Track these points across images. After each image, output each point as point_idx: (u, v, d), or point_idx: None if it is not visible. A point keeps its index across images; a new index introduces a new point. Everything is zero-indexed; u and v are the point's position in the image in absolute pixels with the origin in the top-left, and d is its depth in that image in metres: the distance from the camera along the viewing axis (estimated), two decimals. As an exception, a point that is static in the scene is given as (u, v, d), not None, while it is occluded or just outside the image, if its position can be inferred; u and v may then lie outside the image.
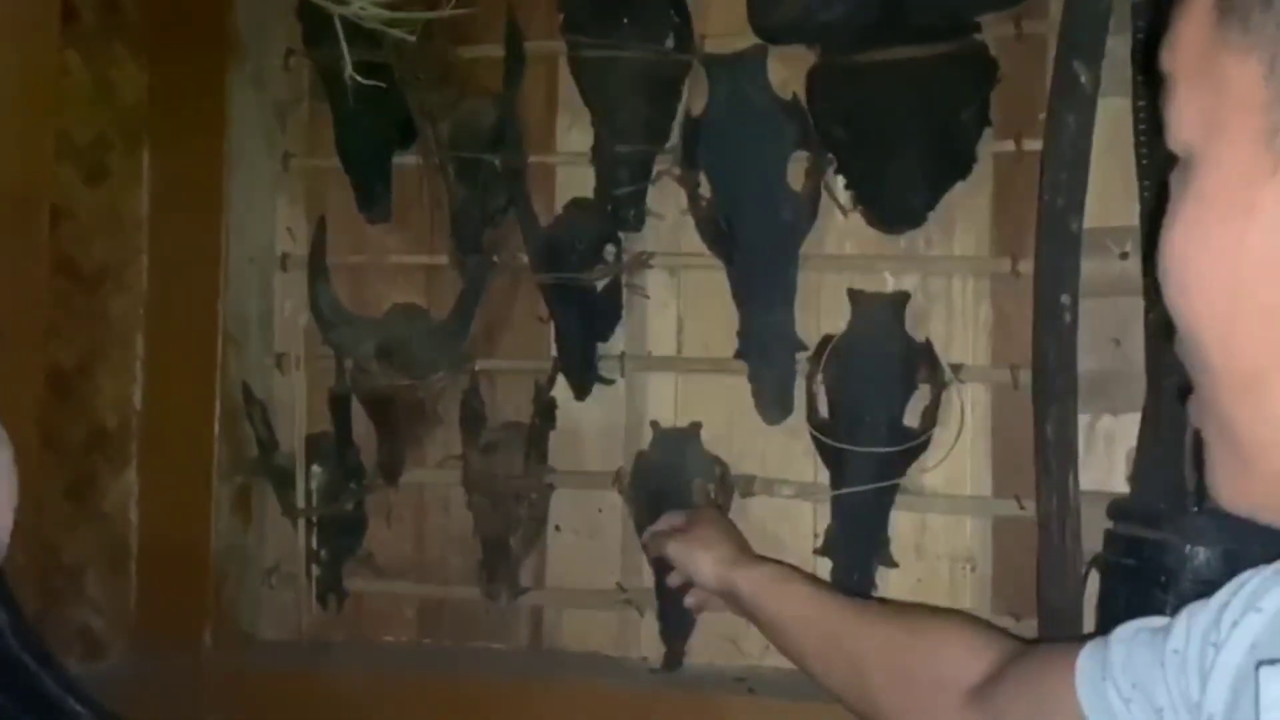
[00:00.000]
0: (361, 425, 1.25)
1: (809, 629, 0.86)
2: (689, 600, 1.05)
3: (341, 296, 1.27)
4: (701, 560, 0.98)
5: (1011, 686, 0.70)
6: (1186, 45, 0.43)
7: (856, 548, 1.07)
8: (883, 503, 1.06)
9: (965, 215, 1.12)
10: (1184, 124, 0.43)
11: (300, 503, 1.24)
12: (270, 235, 1.33)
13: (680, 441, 1.14)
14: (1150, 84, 0.49)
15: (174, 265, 1.26)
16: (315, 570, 1.25)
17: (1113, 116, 0.98)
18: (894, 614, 0.86)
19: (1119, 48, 0.96)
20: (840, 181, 1.13)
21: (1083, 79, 0.75)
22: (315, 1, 1.13)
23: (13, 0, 1.02)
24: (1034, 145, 1.07)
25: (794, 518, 1.15)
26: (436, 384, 1.24)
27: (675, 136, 1.17)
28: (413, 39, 1.17)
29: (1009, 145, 1.08)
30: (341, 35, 1.14)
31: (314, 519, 1.24)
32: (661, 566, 1.07)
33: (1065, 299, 0.77)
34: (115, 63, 1.23)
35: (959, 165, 1.07)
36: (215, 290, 1.25)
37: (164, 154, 1.26)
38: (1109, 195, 1.00)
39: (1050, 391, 0.78)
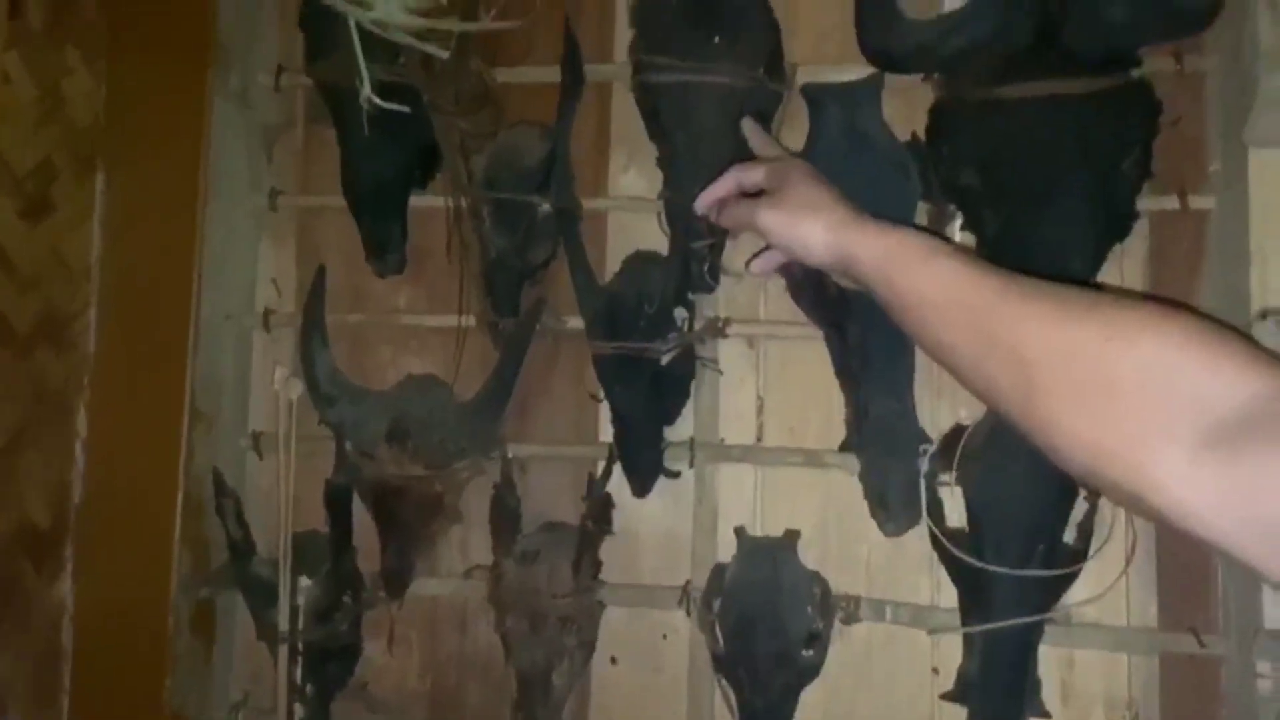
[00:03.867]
0: (361, 524, 1.01)
1: (959, 318, 0.61)
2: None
3: (341, 364, 1.03)
4: (810, 227, 0.74)
5: None
6: None
7: (997, 693, 0.86)
8: (1033, 637, 0.86)
9: (1114, 281, 0.93)
10: None
11: (282, 622, 0.98)
12: (250, 287, 1.10)
13: (772, 553, 0.93)
14: None
15: (130, 322, 1.02)
16: (298, 707, 0.99)
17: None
18: (1086, 308, 0.56)
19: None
20: (961, 239, 0.94)
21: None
22: (330, 5, 0.92)
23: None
24: (1201, 202, 0.91)
25: (907, 647, 0.94)
26: (459, 474, 1.01)
27: (760, 180, 0.97)
28: (445, 54, 0.96)
29: (1170, 201, 0.91)
30: (359, 48, 0.93)
31: (298, 642, 0.99)
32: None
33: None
34: (67, 72, 0.99)
35: (1117, 223, 0.89)
36: (182, 353, 1.01)
37: (122, 185, 1.03)
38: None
39: None
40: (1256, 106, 0.79)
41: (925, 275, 0.64)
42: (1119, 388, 0.52)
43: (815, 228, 0.74)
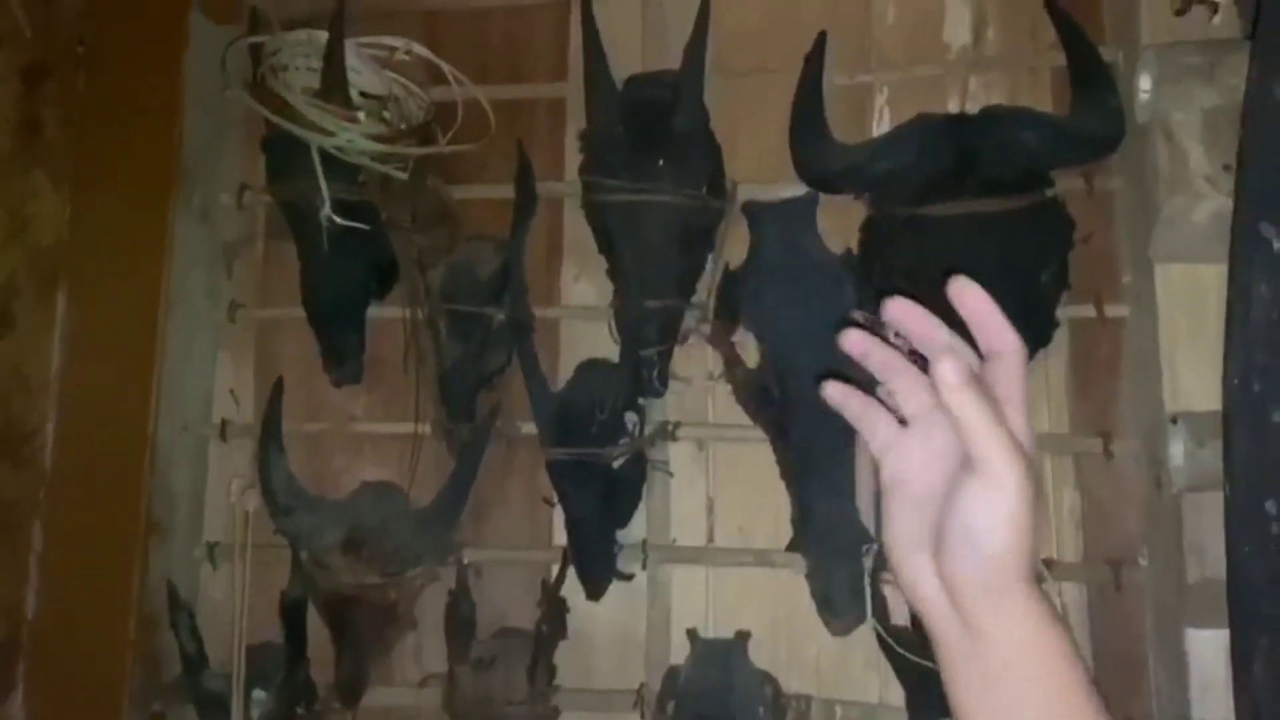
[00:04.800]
0: (316, 633, 1.02)
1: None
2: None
3: (298, 473, 1.05)
4: (1010, 504, 0.43)
5: None
6: None
7: (946, 789, 0.88)
8: (977, 732, 0.88)
9: (1039, 386, 0.99)
10: None
11: (235, 737, 0.98)
12: (208, 398, 1.12)
13: (724, 655, 0.95)
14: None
15: (88, 435, 1.03)
16: (250, 824, 0.98)
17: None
18: None
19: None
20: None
21: (1276, 245, 0.63)
22: (294, 131, 0.97)
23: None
24: (1117, 311, 0.97)
25: (858, 746, 0.96)
26: (414, 581, 1.02)
27: (702, 291, 1.02)
28: (404, 176, 1.01)
29: (1088, 310, 0.97)
30: (320, 170, 0.98)
31: (251, 757, 0.98)
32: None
33: (1271, 507, 0.64)
34: (33, 195, 1.03)
35: (1040, 331, 0.95)
36: (139, 466, 1.02)
37: (84, 302, 1.05)
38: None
39: (1258, 619, 0.63)
40: (1158, 226, 0.85)
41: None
42: None
43: (1012, 511, 0.43)
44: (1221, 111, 0.84)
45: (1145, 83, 0.89)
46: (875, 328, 0.49)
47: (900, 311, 0.48)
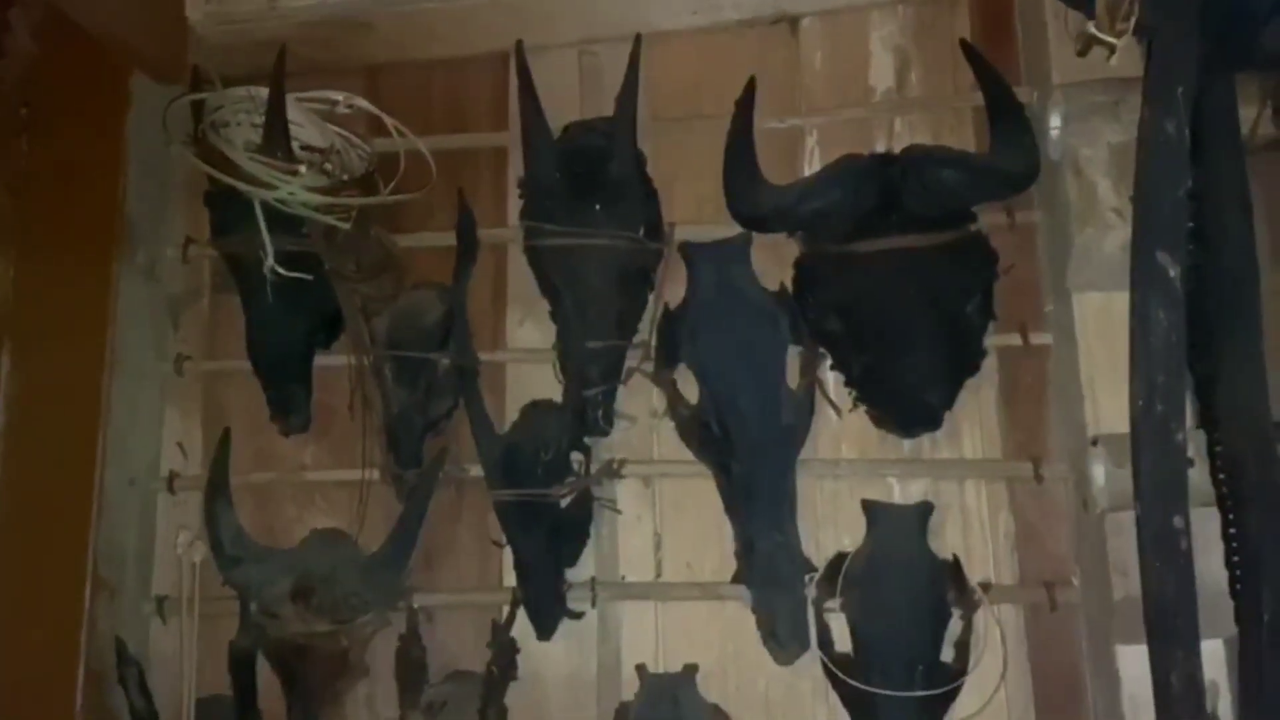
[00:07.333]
0: (267, 684, 1.01)
1: None
2: None
3: (246, 523, 1.05)
4: None
5: None
6: None
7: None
8: (923, 757, 0.90)
9: (971, 414, 1.02)
10: None
11: (185, 793, 0.97)
12: (156, 451, 1.12)
13: (673, 689, 0.96)
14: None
15: (34, 492, 1.03)
16: None
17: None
18: None
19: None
20: (832, 379, 1.02)
21: (1171, 273, 0.67)
22: (236, 186, 0.98)
23: None
24: (1042, 339, 1.00)
25: (809, 775, 0.97)
26: (364, 628, 1.02)
27: (644, 331, 1.05)
28: (346, 226, 1.03)
29: (1014, 339, 1.00)
30: (263, 223, 0.99)
31: (203, 813, 0.98)
32: None
33: (1179, 522, 0.66)
34: (-23, 257, 1.03)
35: (968, 360, 0.98)
36: (86, 521, 1.02)
37: (29, 358, 1.05)
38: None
39: (1172, 633, 0.66)
40: (1072, 257, 0.89)
41: None
42: None
43: None
44: (1127, 146, 0.87)
45: (1055, 120, 0.94)
46: None
47: None
